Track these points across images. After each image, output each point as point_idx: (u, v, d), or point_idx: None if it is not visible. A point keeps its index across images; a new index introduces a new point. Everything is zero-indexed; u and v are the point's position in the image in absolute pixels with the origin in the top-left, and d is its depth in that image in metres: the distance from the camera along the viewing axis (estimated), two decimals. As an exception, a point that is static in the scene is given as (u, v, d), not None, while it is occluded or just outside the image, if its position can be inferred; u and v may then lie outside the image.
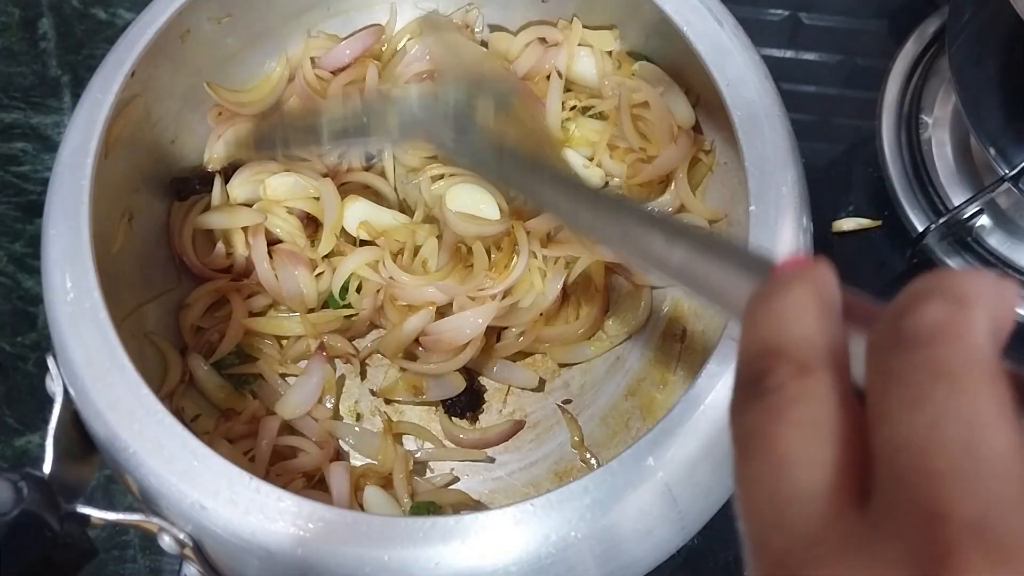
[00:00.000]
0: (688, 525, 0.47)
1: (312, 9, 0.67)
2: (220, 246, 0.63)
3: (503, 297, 0.61)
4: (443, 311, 0.62)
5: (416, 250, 0.63)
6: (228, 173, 0.64)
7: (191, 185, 0.63)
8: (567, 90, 0.67)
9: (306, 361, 0.61)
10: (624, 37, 0.66)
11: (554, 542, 0.42)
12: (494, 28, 0.69)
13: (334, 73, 0.67)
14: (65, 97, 0.79)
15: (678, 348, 0.63)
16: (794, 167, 0.52)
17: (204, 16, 0.60)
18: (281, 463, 0.57)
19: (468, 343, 0.60)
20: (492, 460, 0.61)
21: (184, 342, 0.62)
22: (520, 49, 0.67)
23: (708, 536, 0.50)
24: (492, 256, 0.63)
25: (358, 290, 0.63)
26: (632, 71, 0.65)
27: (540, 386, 0.63)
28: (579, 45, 0.66)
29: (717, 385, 0.45)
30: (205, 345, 0.61)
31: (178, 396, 0.59)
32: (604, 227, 0.37)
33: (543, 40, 0.66)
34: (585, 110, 0.67)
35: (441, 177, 0.65)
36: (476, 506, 0.59)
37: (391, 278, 0.61)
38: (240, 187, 0.64)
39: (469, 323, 0.60)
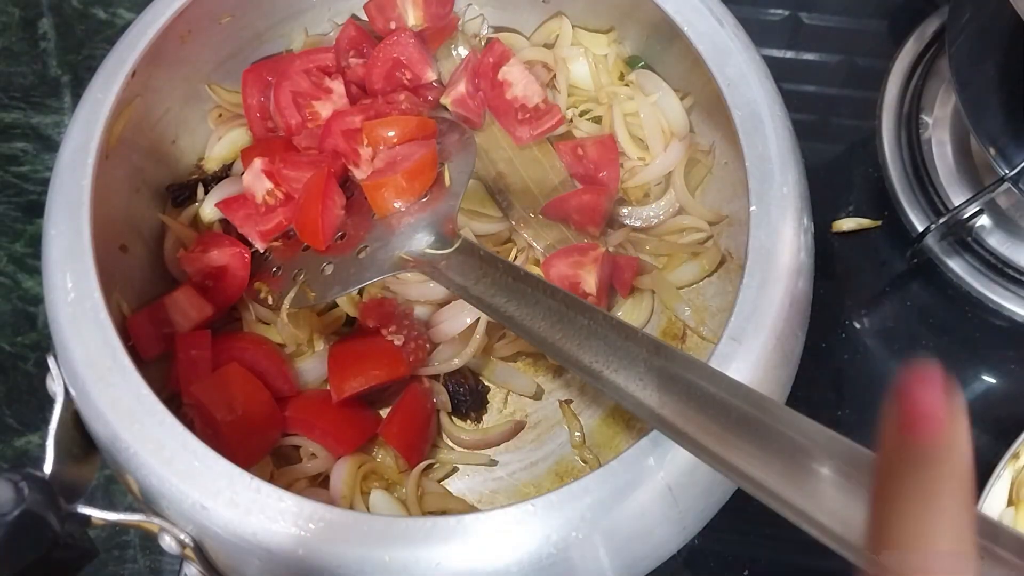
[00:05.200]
0: (688, 525, 0.47)
1: (312, 9, 0.67)
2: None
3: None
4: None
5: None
6: (220, 177, 0.65)
7: (186, 192, 0.63)
8: (568, 95, 0.67)
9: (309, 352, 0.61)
10: (624, 37, 0.66)
11: (555, 542, 0.42)
12: (499, 29, 0.69)
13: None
14: (65, 97, 0.79)
15: (679, 348, 0.63)
16: (794, 167, 0.52)
17: (204, 16, 0.60)
18: (287, 467, 0.57)
19: (471, 337, 0.59)
20: (495, 463, 0.61)
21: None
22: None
23: (708, 536, 0.50)
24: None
25: (360, 293, 0.63)
26: (629, 80, 0.65)
27: (538, 394, 0.63)
28: (573, 45, 0.66)
29: (718, 385, 0.45)
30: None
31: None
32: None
33: (546, 67, 0.67)
34: (583, 113, 0.67)
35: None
36: (477, 506, 0.59)
37: (395, 276, 0.61)
38: (211, 207, 0.63)
39: (469, 309, 0.59)
